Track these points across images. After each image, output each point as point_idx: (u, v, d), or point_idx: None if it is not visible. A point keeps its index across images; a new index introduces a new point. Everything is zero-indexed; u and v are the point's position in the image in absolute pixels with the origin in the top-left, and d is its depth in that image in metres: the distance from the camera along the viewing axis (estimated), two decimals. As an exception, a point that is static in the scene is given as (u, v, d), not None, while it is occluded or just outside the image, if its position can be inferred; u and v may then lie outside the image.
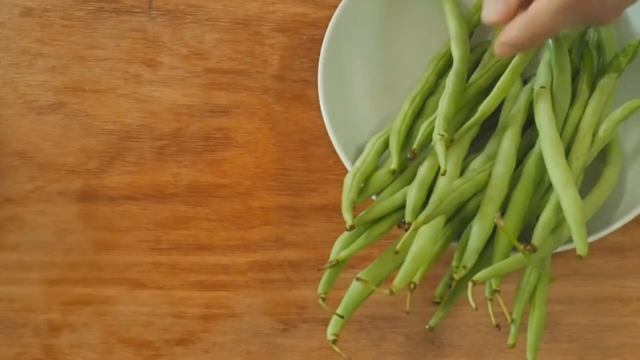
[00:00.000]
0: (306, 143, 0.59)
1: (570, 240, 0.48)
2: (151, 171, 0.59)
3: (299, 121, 0.59)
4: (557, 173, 0.49)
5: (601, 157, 0.54)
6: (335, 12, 0.56)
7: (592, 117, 0.53)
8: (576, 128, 0.53)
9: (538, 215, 0.51)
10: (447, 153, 0.50)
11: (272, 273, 0.57)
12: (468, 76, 0.54)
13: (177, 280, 0.57)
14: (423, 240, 0.46)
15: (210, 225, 0.58)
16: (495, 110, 0.52)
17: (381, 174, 0.52)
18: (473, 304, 0.47)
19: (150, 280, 0.57)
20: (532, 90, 0.53)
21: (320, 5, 0.60)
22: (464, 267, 0.48)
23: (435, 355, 0.56)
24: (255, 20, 0.60)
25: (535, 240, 0.48)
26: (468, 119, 0.52)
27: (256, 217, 0.58)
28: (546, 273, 0.50)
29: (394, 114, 0.55)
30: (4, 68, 0.60)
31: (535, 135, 0.52)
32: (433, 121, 0.52)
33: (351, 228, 0.49)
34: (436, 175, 0.51)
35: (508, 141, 0.51)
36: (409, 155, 0.52)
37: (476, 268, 0.49)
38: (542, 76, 0.53)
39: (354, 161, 0.53)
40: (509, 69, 0.52)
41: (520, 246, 0.46)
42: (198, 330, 0.57)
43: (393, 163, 0.52)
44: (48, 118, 0.59)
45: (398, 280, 0.46)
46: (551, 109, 0.51)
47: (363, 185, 0.52)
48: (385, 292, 0.46)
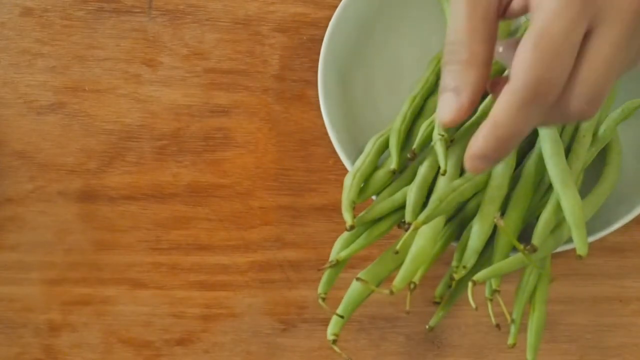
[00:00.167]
0: (306, 143, 0.59)
1: (570, 240, 0.48)
2: (151, 171, 0.59)
3: (299, 121, 0.59)
4: (557, 173, 0.49)
5: (601, 157, 0.54)
6: (335, 12, 0.56)
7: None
8: (576, 128, 0.53)
9: (538, 215, 0.51)
10: (447, 153, 0.50)
11: (272, 273, 0.57)
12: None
13: (177, 280, 0.57)
14: (423, 240, 0.46)
15: (210, 225, 0.58)
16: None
17: (381, 174, 0.52)
18: (473, 304, 0.47)
19: (150, 280, 0.57)
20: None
21: (320, 5, 0.60)
22: (464, 267, 0.48)
23: (435, 355, 0.56)
24: (255, 20, 0.60)
25: (535, 240, 0.48)
26: (468, 119, 0.52)
27: (256, 217, 0.58)
28: (546, 273, 0.50)
29: (394, 114, 0.55)
30: (4, 68, 0.60)
31: (535, 135, 0.52)
32: (433, 121, 0.52)
33: (351, 228, 0.49)
34: (436, 175, 0.51)
35: (508, 141, 0.51)
36: (409, 155, 0.52)
37: (476, 268, 0.49)
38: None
39: (354, 161, 0.53)
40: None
41: (520, 246, 0.46)
42: (198, 330, 0.57)
43: (393, 163, 0.52)
44: (48, 118, 0.59)
45: (398, 280, 0.46)
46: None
47: (363, 185, 0.52)
48: (385, 292, 0.46)
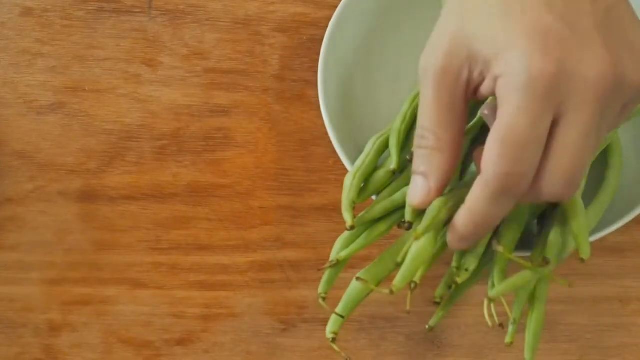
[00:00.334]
0: (306, 143, 0.59)
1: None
2: (151, 171, 0.59)
3: (299, 121, 0.59)
4: None
5: (601, 158, 0.54)
6: (335, 12, 0.56)
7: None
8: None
9: (538, 216, 0.51)
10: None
11: (272, 273, 0.57)
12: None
13: (177, 280, 0.57)
14: (424, 240, 0.46)
15: (210, 225, 0.58)
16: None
17: (381, 174, 0.52)
18: (490, 322, 0.46)
19: (150, 280, 0.57)
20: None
21: (320, 5, 0.60)
22: (466, 270, 0.48)
23: (435, 355, 0.56)
24: (255, 20, 0.60)
25: (549, 253, 0.48)
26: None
27: (256, 217, 0.58)
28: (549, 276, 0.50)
29: (394, 114, 0.54)
30: (4, 68, 0.60)
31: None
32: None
33: (351, 228, 0.49)
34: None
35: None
36: (408, 156, 0.52)
37: (478, 269, 0.49)
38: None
39: (354, 161, 0.53)
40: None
41: (528, 264, 0.46)
42: (198, 330, 0.57)
43: (393, 163, 0.52)
44: (48, 118, 0.59)
45: (398, 280, 0.46)
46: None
47: (363, 185, 0.52)
48: (386, 292, 0.46)
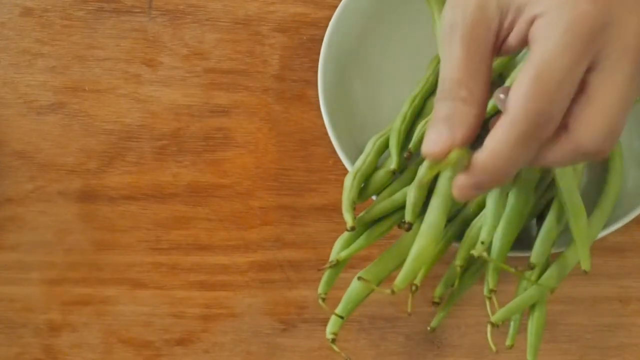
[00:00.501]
0: (306, 143, 0.59)
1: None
2: (151, 171, 0.59)
3: (299, 121, 0.59)
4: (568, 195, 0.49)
5: (602, 162, 0.54)
6: (335, 12, 0.56)
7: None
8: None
9: (537, 216, 0.51)
10: None
11: (272, 273, 0.57)
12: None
13: (177, 280, 0.57)
14: (425, 240, 0.46)
15: (210, 225, 0.58)
16: (496, 110, 0.52)
17: (381, 174, 0.52)
18: (494, 348, 0.47)
19: (150, 280, 0.57)
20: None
21: (320, 5, 0.60)
22: (482, 243, 0.47)
23: (435, 355, 0.56)
24: (255, 20, 0.60)
25: (534, 258, 0.48)
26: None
27: (256, 217, 0.58)
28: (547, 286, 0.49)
29: (394, 114, 0.55)
30: (4, 68, 0.60)
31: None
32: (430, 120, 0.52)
33: (352, 229, 0.49)
34: (436, 175, 0.51)
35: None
36: (405, 155, 0.52)
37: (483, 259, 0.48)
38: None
39: (354, 161, 0.53)
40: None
41: (522, 274, 0.46)
42: (198, 330, 0.57)
43: (393, 163, 0.52)
44: (48, 118, 0.59)
45: (399, 280, 0.46)
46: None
47: (363, 185, 0.52)
48: (387, 292, 0.46)
